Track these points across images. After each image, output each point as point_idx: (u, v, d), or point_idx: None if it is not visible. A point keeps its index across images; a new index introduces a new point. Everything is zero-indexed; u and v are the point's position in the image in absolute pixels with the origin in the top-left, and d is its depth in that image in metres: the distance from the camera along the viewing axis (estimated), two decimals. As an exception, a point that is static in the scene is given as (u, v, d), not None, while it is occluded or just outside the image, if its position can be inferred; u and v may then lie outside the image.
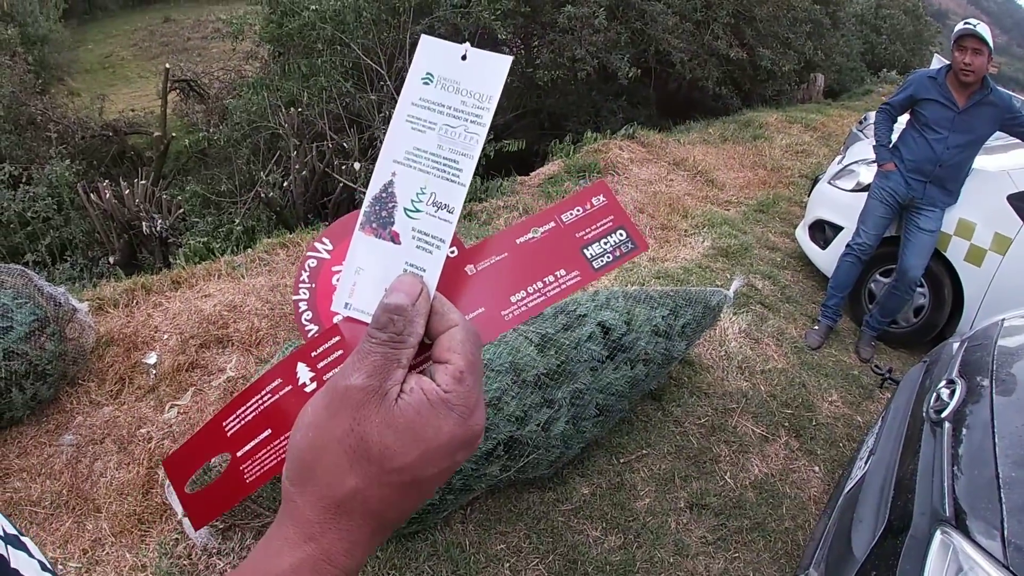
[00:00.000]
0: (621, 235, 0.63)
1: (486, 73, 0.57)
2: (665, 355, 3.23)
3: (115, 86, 16.31)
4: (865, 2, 17.61)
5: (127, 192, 7.40)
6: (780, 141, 8.80)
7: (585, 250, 0.62)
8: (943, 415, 1.99)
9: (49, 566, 0.63)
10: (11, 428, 3.31)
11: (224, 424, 0.60)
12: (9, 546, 0.59)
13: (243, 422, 0.59)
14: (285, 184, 7.50)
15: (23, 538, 0.62)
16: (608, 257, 0.62)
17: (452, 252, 0.59)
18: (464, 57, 0.57)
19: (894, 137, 4.45)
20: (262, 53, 11.15)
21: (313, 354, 0.58)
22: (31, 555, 0.61)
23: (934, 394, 2.16)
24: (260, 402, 0.59)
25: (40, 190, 8.03)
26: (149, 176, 9.03)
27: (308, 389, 0.58)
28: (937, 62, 8.19)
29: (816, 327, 4.58)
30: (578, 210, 0.63)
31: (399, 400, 0.47)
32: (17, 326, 3.20)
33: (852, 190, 4.97)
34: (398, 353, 0.48)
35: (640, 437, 3.41)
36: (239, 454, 0.59)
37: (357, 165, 7.44)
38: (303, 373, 0.58)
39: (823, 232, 5.16)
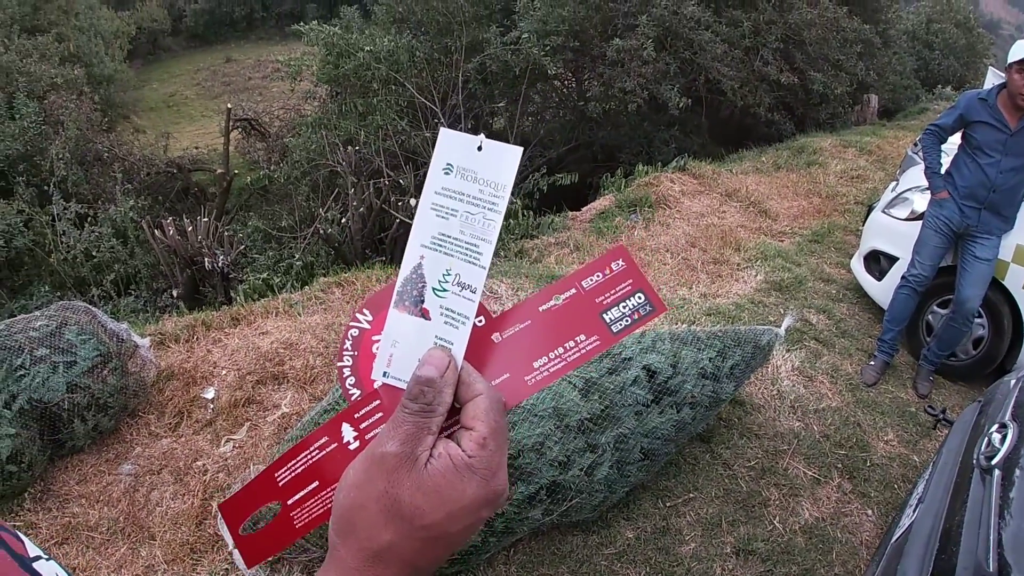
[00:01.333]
0: (639, 299, 0.65)
1: (500, 163, 0.61)
2: (713, 397, 3.18)
3: (179, 124, 16.93)
4: (915, 18, 17.24)
5: (190, 229, 7.68)
6: (835, 167, 8.63)
7: (604, 315, 0.64)
8: (993, 461, 1.91)
9: None
10: (73, 456, 3.45)
11: (276, 475, 0.66)
12: None
13: (294, 474, 0.65)
14: (343, 220, 7.67)
15: None
16: (627, 321, 0.65)
17: (480, 321, 0.64)
18: (480, 148, 0.61)
19: (946, 161, 4.34)
20: (320, 93, 11.51)
21: (356, 415, 0.64)
22: None
23: (986, 439, 2.07)
24: (309, 457, 0.65)
25: (105, 230, 8.41)
26: (212, 212, 9.34)
27: (352, 447, 0.63)
28: (993, 75, 7.91)
29: (872, 362, 4.45)
30: (598, 275, 0.66)
31: (428, 465, 0.53)
32: (81, 361, 3.34)
33: (906, 219, 4.85)
34: (428, 421, 0.54)
35: (687, 480, 3.35)
36: (289, 502, 0.65)
37: (413, 201, 7.55)
38: (347, 432, 0.64)
39: (878, 263, 5.03)
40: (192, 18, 25.14)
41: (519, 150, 0.61)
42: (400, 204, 7.63)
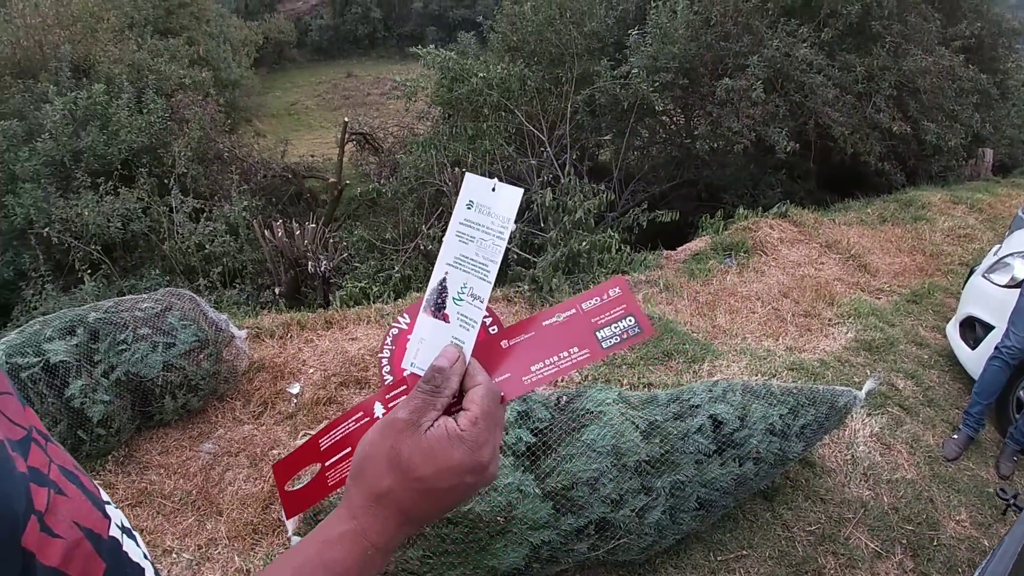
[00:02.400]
0: (630, 321, 0.78)
1: (507, 201, 0.76)
2: (779, 455, 3.12)
3: (298, 132, 17.68)
4: (1036, 68, 16.05)
5: (298, 232, 8.12)
6: (942, 224, 8.21)
7: (597, 332, 0.77)
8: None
9: (148, 556, 0.82)
10: (159, 429, 3.77)
11: (320, 441, 0.82)
12: (125, 535, 0.77)
13: (332, 441, 0.81)
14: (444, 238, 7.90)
15: (134, 532, 0.81)
16: (616, 339, 0.77)
17: (493, 330, 0.80)
18: (494, 189, 0.76)
19: None
20: (433, 114, 11.84)
21: (387, 396, 0.80)
22: (138, 545, 0.80)
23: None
24: (346, 428, 0.81)
25: (218, 225, 8.93)
26: (321, 218, 9.75)
27: None
28: None
29: (955, 436, 4.24)
30: (596, 300, 0.79)
31: (427, 432, 0.67)
32: (179, 343, 3.66)
33: (1005, 285, 4.60)
34: (435, 400, 0.69)
35: (743, 536, 3.30)
36: (327, 464, 0.81)
37: (513, 226, 7.67)
38: (378, 409, 0.80)
39: (973, 330, 4.77)
40: (317, 33, 26.07)
41: (520, 191, 0.75)
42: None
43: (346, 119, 12.79)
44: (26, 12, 11.98)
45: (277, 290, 7.88)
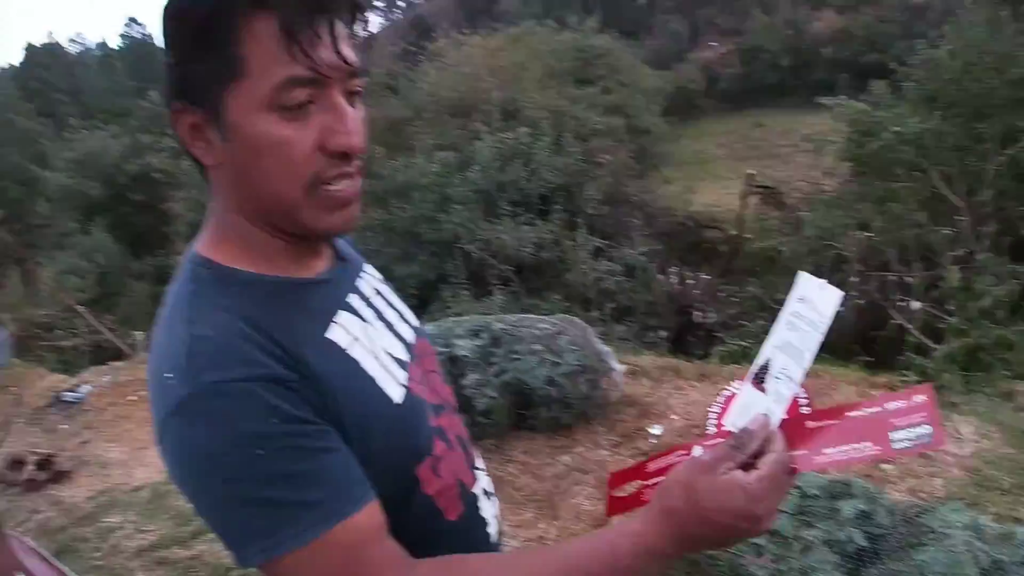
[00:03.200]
0: (925, 429, 0.82)
1: (829, 300, 0.88)
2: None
3: (703, 180, 17.32)
4: None
5: (691, 281, 8.44)
6: None
7: (892, 433, 0.83)
8: None
9: (496, 518, 1.12)
10: (528, 431, 4.25)
11: (648, 465, 1.02)
12: (483, 495, 1.09)
13: (657, 467, 1.01)
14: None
15: (494, 496, 1.14)
16: (908, 443, 0.83)
17: (807, 410, 0.92)
18: (821, 288, 0.89)
19: None
20: (842, 169, 11.14)
21: (706, 443, 0.95)
22: (492, 506, 1.11)
23: None
24: (669, 459, 1.00)
25: (616, 267, 9.58)
26: (716, 270, 9.88)
27: None
28: None
29: None
30: (901, 403, 0.85)
31: (721, 476, 0.79)
32: (564, 365, 4.16)
33: None
34: (735, 454, 0.81)
35: None
36: (647, 483, 1.00)
37: (916, 305, 7.00)
38: (697, 451, 0.94)
39: None
40: (726, 82, 25.94)
41: (840, 294, 0.88)
42: (901, 305, 7.07)
43: (751, 171, 12.68)
44: (460, 62, 14.26)
45: (662, 333, 8.24)
